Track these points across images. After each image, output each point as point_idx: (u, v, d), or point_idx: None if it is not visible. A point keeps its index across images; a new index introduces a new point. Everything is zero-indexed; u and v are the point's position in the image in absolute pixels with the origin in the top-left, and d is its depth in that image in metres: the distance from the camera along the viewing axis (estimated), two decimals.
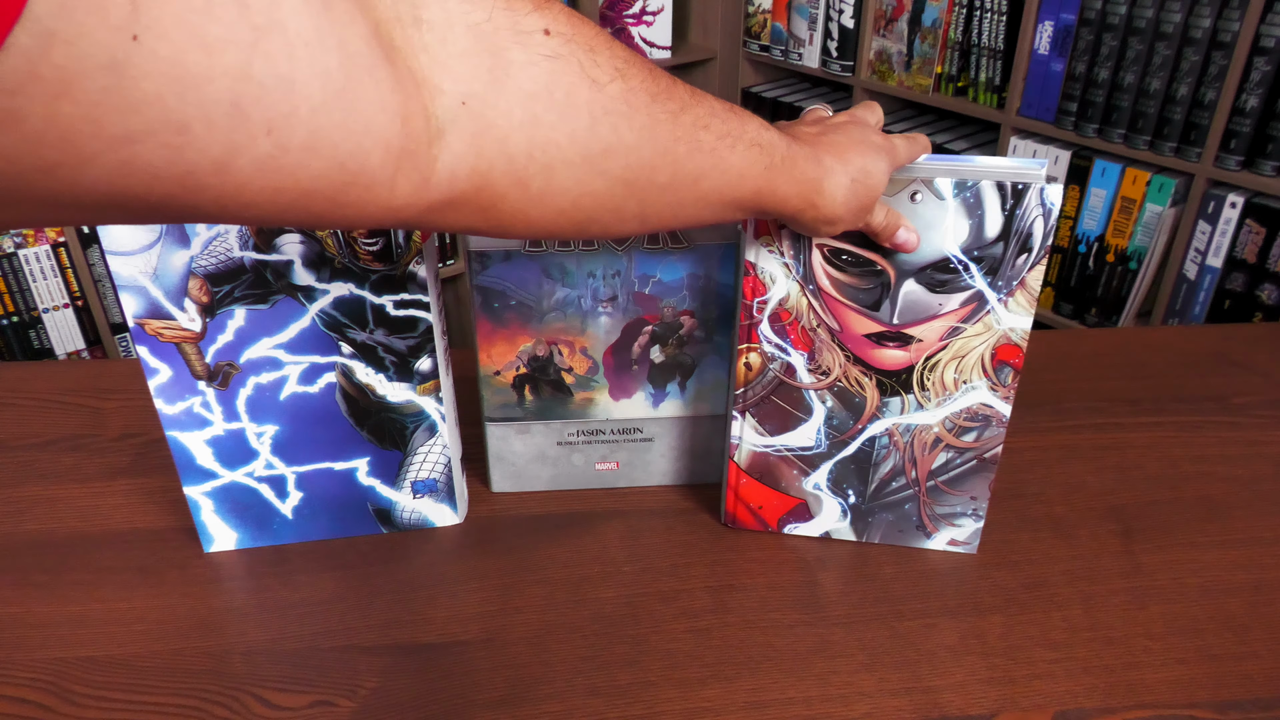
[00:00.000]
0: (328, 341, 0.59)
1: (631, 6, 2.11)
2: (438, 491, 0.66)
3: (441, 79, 0.29)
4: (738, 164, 0.41)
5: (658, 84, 0.36)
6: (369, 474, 0.64)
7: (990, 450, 0.61)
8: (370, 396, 0.61)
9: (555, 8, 0.32)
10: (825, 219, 0.48)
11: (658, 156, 0.37)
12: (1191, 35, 1.47)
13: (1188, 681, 0.56)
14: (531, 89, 0.31)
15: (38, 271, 1.61)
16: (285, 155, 0.25)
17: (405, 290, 0.58)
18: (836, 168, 0.46)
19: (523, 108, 0.31)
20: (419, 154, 0.29)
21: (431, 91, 0.29)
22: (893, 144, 0.51)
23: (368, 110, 0.26)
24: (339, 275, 0.57)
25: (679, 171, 0.38)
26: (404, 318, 0.59)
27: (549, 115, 0.32)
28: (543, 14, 0.31)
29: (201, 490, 0.63)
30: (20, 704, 0.54)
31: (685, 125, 0.38)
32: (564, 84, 0.32)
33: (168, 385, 0.59)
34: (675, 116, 0.37)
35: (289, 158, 0.25)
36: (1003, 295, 0.56)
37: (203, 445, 0.61)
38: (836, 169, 0.46)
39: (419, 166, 0.29)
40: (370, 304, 0.58)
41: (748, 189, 0.42)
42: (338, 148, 0.26)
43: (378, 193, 0.28)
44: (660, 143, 0.37)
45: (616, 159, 0.35)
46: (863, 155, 0.48)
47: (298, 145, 0.25)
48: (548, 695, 0.55)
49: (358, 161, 0.27)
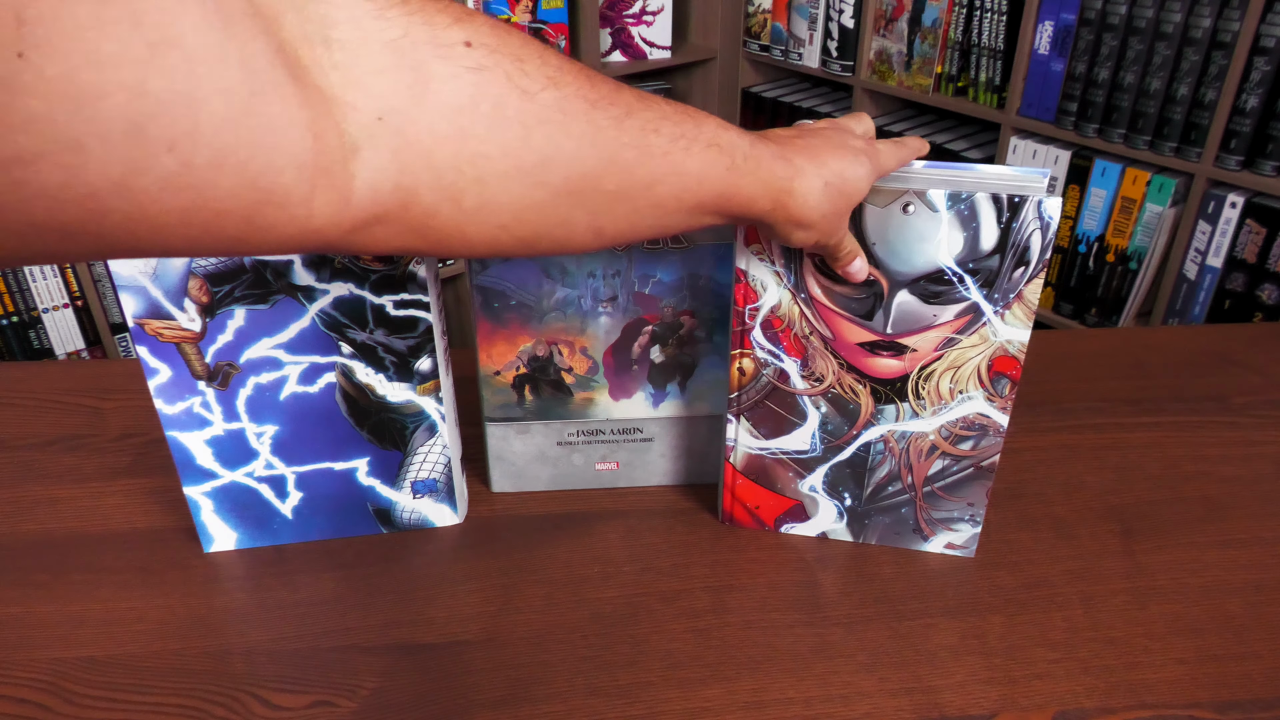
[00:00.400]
0: (327, 341, 0.59)
1: (631, 6, 2.11)
2: (438, 491, 0.66)
3: (355, 96, 0.29)
4: (695, 167, 0.39)
5: (597, 90, 0.35)
6: (369, 474, 0.64)
7: (988, 459, 0.61)
8: (370, 396, 0.61)
9: (478, 20, 0.32)
10: (797, 222, 0.46)
11: (603, 165, 0.36)
12: (1191, 35, 1.47)
13: (1188, 681, 0.56)
14: (456, 102, 0.31)
15: (38, 271, 1.61)
16: (190, 173, 0.24)
17: (405, 290, 0.58)
18: (809, 169, 0.45)
19: (448, 121, 0.31)
20: (335, 171, 0.29)
21: (344, 109, 0.29)
22: (875, 149, 0.50)
23: (275, 127, 0.26)
24: (339, 275, 0.57)
25: (629, 179, 0.37)
26: (404, 318, 0.59)
27: (477, 128, 0.32)
28: (464, 27, 0.31)
29: (201, 490, 0.63)
30: (20, 704, 0.54)
31: (632, 131, 0.37)
32: (491, 95, 0.32)
33: (167, 385, 0.59)
34: (619, 122, 0.36)
35: (195, 175, 0.24)
36: (999, 308, 0.55)
37: (202, 445, 0.61)
38: (809, 170, 0.45)
39: (336, 184, 0.29)
40: (370, 304, 0.58)
41: (709, 192, 0.41)
42: (246, 165, 0.26)
43: (295, 212, 0.28)
44: (604, 150, 0.36)
45: (556, 169, 0.34)
46: (839, 158, 0.47)
47: (203, 162, 0.24)
48: (548, 695, 0.55)
49: (269, 179, 0.26)
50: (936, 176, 0.54)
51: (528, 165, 0.34)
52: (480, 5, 1.83)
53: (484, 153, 0.32)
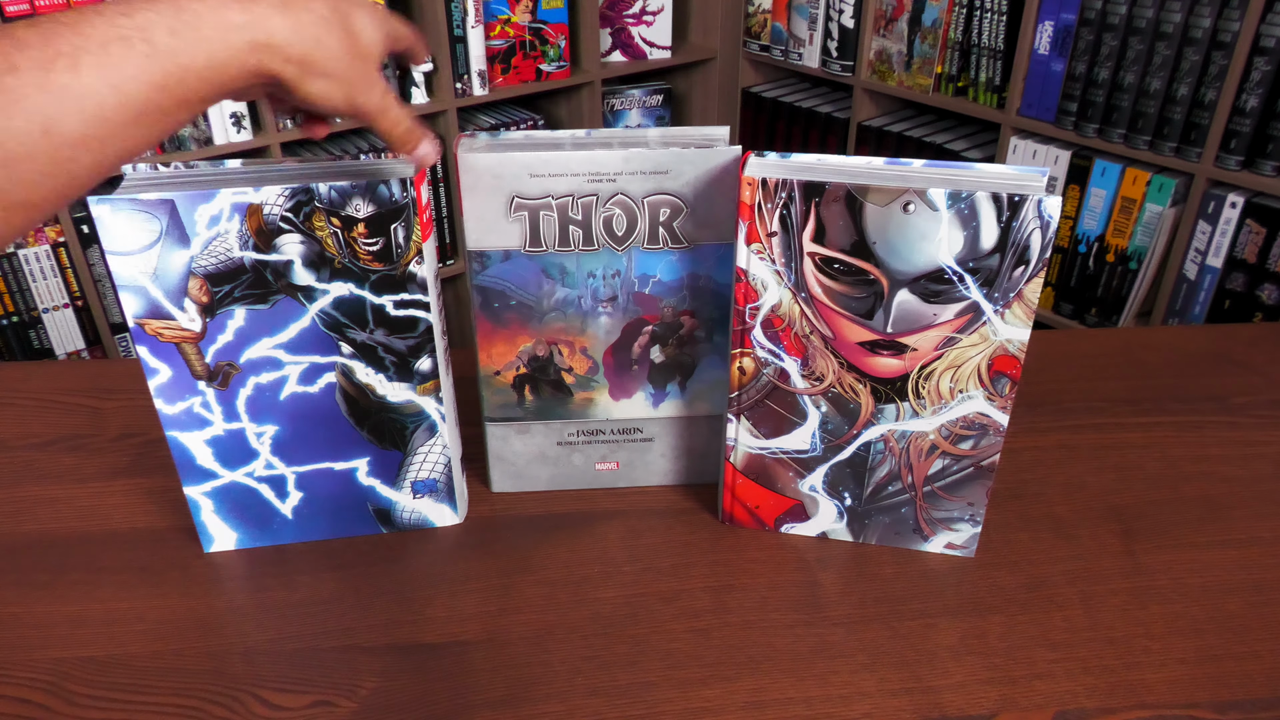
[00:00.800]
0: (327, 341, 0.59)
1: (631, 6, 2.11)
2: (438, 492, 0.66)
3: None
4: (97, 79, 0.34)
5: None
6: (369, 474, 0.64)
7: (988, 459, 0.61)
8: (370, 397, 0.61)
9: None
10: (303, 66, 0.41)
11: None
12: (1191, 35, 1.47)
13: (1188, 681, 0.56)
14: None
15: (38, 271, 1.61)
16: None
17: (405, 290, 0.58)
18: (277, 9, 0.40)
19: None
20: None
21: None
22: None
23: None
24: (338, 275, 0.57)
25: (9, 133, 0.32)
26: (404, 318, 0.59)
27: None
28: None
29: (201, 490, 0.63)
30: (20, 704, 0.54)
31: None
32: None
33: (168, 385, 0.59)
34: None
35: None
36: (999, 307, 0.55)
37: (203, 445, 0.61)
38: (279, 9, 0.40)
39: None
40: (370, 304, 0.58)
41: (140, 92, 0.36)
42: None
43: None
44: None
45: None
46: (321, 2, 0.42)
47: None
48: (548, 695, 0.55)
49: None
50: (936, 176, 0.54)
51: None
52: (479, 6, 1.83)
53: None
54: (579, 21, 2.00)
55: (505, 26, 1.91)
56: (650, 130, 0.61)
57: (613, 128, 1.84)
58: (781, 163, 0.56)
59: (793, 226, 0.54)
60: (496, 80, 1.94)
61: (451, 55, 1.84)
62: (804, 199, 0.53)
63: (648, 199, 0.60)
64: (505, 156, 0.58)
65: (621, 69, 2.13)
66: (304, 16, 0.41)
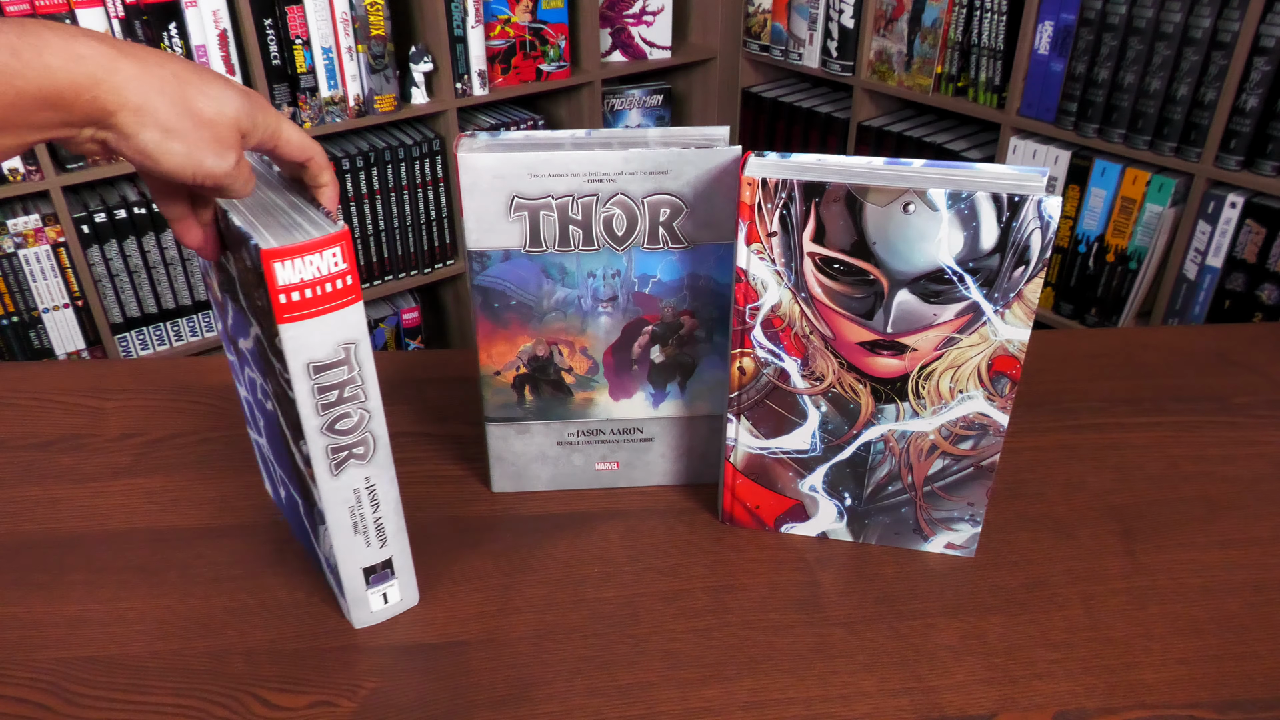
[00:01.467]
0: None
1: (631, 6, 2.11)
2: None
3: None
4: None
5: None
6: None
7: (988, 459, 0.61)
8: None
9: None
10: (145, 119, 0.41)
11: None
12: (1191, 35, 1.47)
13: (1188, 681, 0.56)
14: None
15: (38, 271, 1.61)
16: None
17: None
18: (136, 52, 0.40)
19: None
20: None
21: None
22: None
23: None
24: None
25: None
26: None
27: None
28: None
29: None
30: (20, 704, 0.54)
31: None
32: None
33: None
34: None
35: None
36: (999, 307, 0.55)
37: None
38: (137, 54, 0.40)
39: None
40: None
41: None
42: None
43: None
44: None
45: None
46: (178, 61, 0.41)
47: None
48: (548, 695, 0.55)
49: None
50: (936, 176, 0.54)
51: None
52: (479, 6, 1.83)
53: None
54: (579, 21, 2.00)
55: (505, 26, 1.91)
56: (650, 130, 0.61)
57: (613, 128, 1.84)
58: (781, 163, 0.56)
59: (793, 226, 0.54)
60: (496, 80, 1.94)
61: (451, 55, 1.84)
62: (804, 199, 0.53)
63: (648, 199, 0.60)
64: (505, 156, 0.58)
65: (621, 69, 2.13)
66: (151, 68, 0.41)
